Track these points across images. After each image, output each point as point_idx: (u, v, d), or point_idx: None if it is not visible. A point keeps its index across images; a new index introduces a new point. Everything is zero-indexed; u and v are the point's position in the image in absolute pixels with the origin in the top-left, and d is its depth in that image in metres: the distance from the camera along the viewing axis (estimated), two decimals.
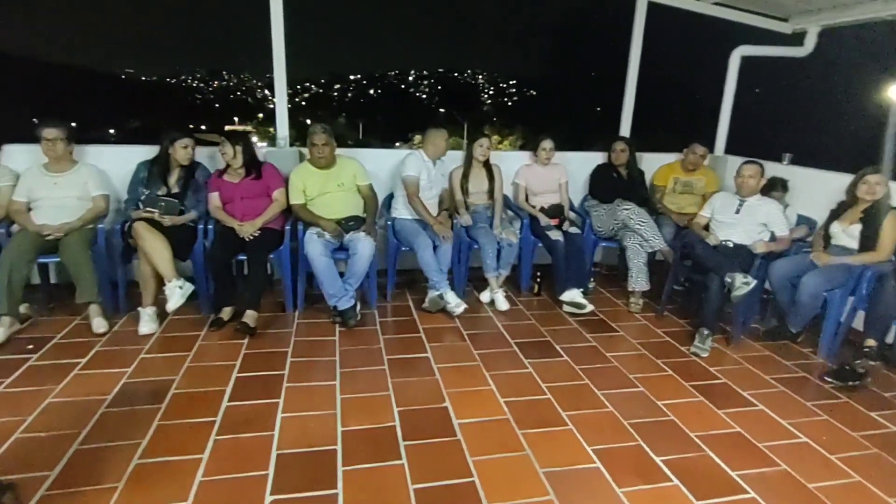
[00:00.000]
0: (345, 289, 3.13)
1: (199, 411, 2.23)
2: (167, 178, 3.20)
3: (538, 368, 2.74)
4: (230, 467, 1.90)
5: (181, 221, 3.12)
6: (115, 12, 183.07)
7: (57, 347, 2.77)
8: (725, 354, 3.03)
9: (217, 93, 72.20)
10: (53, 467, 1.86)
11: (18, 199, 3.05)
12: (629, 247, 3.57)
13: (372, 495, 1.80)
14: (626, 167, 3.98)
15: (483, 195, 3.75)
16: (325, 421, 2.20)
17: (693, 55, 32.04)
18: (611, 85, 5.92)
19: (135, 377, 2.51)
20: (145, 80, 74.29)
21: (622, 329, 3.31)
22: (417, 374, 2.64)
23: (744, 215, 3.25)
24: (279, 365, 2.66)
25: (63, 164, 3.12)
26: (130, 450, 1.97)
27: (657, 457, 2.06)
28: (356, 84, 75.84)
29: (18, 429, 2.06)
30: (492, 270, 3.50)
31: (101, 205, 3.16)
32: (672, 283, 3.51)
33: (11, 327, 2.81)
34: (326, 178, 3.33)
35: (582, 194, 4.22)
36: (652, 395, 2.52)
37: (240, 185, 3.24)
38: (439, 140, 3.54)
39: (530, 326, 3.29)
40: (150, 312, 2.99)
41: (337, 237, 3.22)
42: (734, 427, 2.30)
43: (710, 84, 5.19)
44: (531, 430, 2.20)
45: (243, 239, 3.11)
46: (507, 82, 74.42)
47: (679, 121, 25.06)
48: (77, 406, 2.24)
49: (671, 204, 3.96)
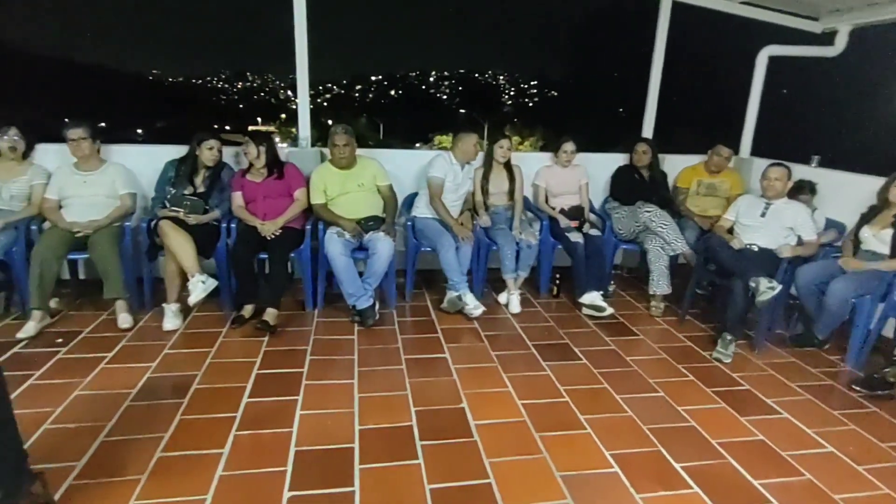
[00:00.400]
0: (364, 288, 3.15)
1: (220, 406, 2.27)
2: (194, 177, 3.26)
3: (556, 371, 2.72)
4: (249, 463, 1.93)
5: (205, 220, 3.18)
6: (146, 15, 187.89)
7: (85, 341, 2.85)
8: (749, 360, 2.97)
9: (241, 94, 73.33)
10: (80, 458, 1.91)
11: (50, 196, 3.14)
12: (650, 249, 3.52)
13: (388, 494, 1.81)
14: (649, 169, 3.93)
15: (503, 196, 3.74)
16: (343, 419, 2.22)
17: (718, 55, 31.51)
18: (633, 85, 5.85)
19: (159, 372, 2.56)
20: (172, 81, 75.82)
21: (642, 333, 3.27)
22: (435, 375, 2.65)
23: (770, 218, 3.18)
24: (298, 363, 2.70)
25: (92, 162, 3.21)
26: (153, 443, 2.01)
27: (677, 463, 2.03)
28: (377, 85, 76.28)
29: (47, 420, 2.12)
30: (510, 272, 3.49)
31: (129, 203, 3.24)
32: (694, 287, 3.45)
33: (42, 321, 2.90)
34: (347, 178, 3.35)
35: (603, 196, 4.18)
36: (672, 401, 2.49)
37: (262, 185, 3.29)
38: (468, 145, 3.51)
39: (549, 329, 3.27)
40: (174, 309, 3.05)
41: (356, 237, 3.24)
42: (757, 435, 2.25)
43: (736, 84, 5.09)
44: (549, 432, 2.19)
45: (265, 238, 3.16)
46: (529, 83, 74.04)
47: (703, 122, 24.66)
48: (103, 399, 2.30)
49: (694, 206, 3.90)
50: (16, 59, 53.47)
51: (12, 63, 51.38)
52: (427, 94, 75.81)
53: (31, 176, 3.17)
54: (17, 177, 3.13)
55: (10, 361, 2.57)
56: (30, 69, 51.48)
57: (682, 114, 23.13)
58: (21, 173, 3.15)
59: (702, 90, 34.75)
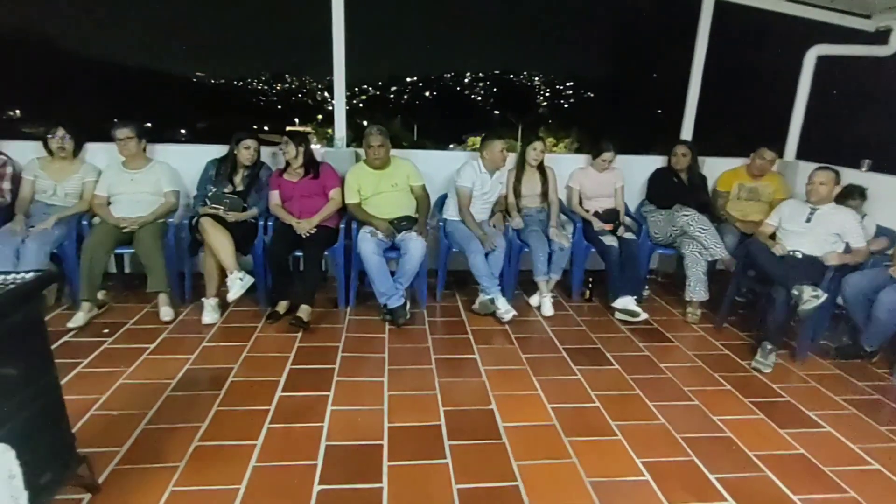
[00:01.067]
0: (395, 287, 3.18)
1: (254, 399, 2.33)
2: (233, 176, 3.36)
3: (587, 376, 2.69)
4: (282, 455, 1.98)
5: (244, 218, 3.27)
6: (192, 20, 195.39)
7: (129, 332, 2.97)
8: (790, 371, 2.86)
9: (280, 95, 74.92)
10: (123, 444, 1.99)
11: (100, 193, 3.30)
12: (688, 254, 3.43)
13: (416, 492, 1.82)
14: (687, 171, 3.83)
15: (536, 198, 3.71)
16: (373, 416, 2.25)
17: (762, 54, 30.44)
18: (673, 86, 5.72)
19: (197, 364, 2.65)
20: (214, 82, 78.15)
21: (678, 340, 3.19)
22: (464, 375, 2.65)
23: (815, 224, 3.06)
24: (330, 359, 2.74)
25: (139, 161, 3.35)
26: (191, 432, 2.08)
27: (711, 474, 1.98)
28: (412, 86, 76.74)
29: (94, 406, 2.23)
30: (542, 274, 3.46)
31: (172, 200, 3.37)
32: (733, 294, 3.35)
33: (90, 312, 3.04)
34: (381, 178, 3.39)
35: (638, 199, 4.10)
36: (708, 410, 2.42)
37: (298, 184, 3.36)
38: (494, 152, 3.44)
39: (580, 333, 3.23)
40: (212, 303, 3.15)
41: (389, 236, 3.28)
42: (797, 448, 2.17)
43: (781, 85, 4.92)
44: (578, 437, 2.16)
45: (300, 236, 3.22)
46: (564, 83, 73.17)
47: (745, 124, 23.87)
48: (145, 388, 2.39)
49: (735, 211, 3.78)
50: (68, 62, 56.18)
51: (64, 65, 54.02)
52: (461, 95, 75.83)
53: (83, 174, 3.32)
54: (70, 175, 3.30)
55: (61, 350, 2.71)
56: (80, 71, 53.97)
57: (723, 115, 22.46)
58: (74, 172, 3.31)
59: (744, 91, 33.65)
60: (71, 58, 61.52)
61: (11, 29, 52.41)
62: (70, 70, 53.23)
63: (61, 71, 51.90)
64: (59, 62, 54.60)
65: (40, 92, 43.63)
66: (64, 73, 51.52)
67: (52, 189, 3.26)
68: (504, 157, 3.51)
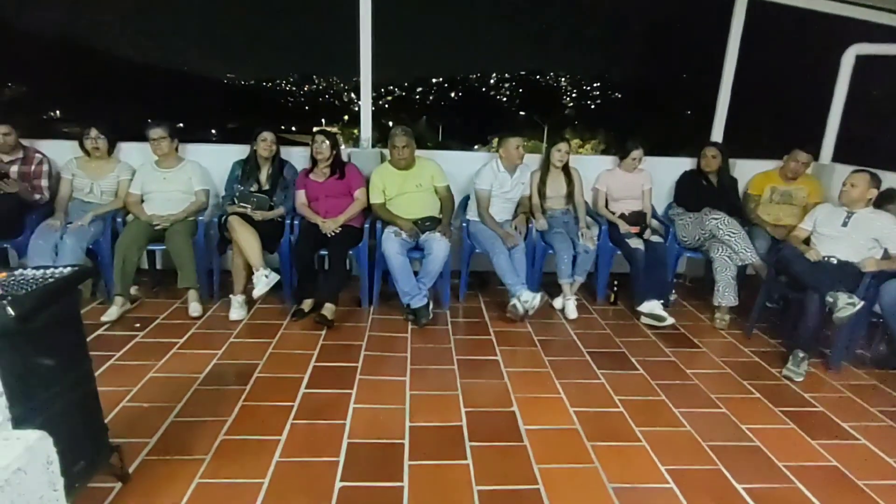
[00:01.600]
0: (418, 287, 3.19)
1: (279, 395, 2.37)
2: (258, 174, 3.42)
3: (611, 380, 2.65)
4: (304, 451, 2.00)
5: (270, 216, 3.33)
6: (221, 22, 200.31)
7: (159, 327, 3.05)
8: (823, 381, 2.77)
9: (307, 96, 75.97)
10: (152, 435, 2.04)
11: (134, 191, 3.40)
12: (717, 259, 3.36)
13: (436, 492, 1.83)
14: (717, 174, 3.75)
15: (561, 200, 3.68)
16: (395, 415, 2.26)
17: (798, 54, 29.59)
18: (703, 87, 5.61)
19: (224, 359, 2.71)
20: (244, 84, 79.71)
21: (705, 345, 3.12)
22: (486, 377, 2.64)
23: (852, 229, 2.96)
24: (353, 357, 2.77)
25: (171, 160, 3.44)
26: (218, 426, 2.12)
27: (739, 484, 1.93)
28: (438, 87, 76.92)
29: (125, 398, 2.29)
30: (566, 276, 3.43)
31: (203, 199, 3.45)
32: (764, 300, 3.26)
33: (123, 306, 3.13)
34: (405, 178, 3.41)
35: (666, 201, 4.03)
36: (736, 418, 2.36)
37: (324, 184, 3.40)
38: (510, 149, 3.45)
39: (604, 336, 3.19)
40: (239, 300, 3.21)
41: (413, 237, 3.29)
42: (830, 460, 2.10)
43: (817, 86, 4.77)
44: (601, 442, 2.13)
45: (326, 235, 3.26)
46: (591, 84, 72.37)
47: (778, 126, 23.25)
48: (174, 382, 2.45)
49: (766, 215, 3.68)
50: (104, 65, 58.00)
51: (101, 68, 55.79)
52: (487, 96, 75.67)
53: (119, 172, 3.43)
54: (106, 174, 3.40)
55: (95, 342, 2.79)
56: (116, 74, 55.69)
57: (755, 117, 21.90)
58: (110, 170, 3.42)
59: (779, 92, 32.77)
60: (107, 60, 63.55)
61: (52, 34, 54.38)
62: (106, 72, 55.02)
63: (98, 73, 53.71)
64: (96, 65, 56.50)
65: (78, 93, 45.24)
66: (100, 75, 53.30)
67: (88, 187, 3.37)
68: (521, 154, 3.49)
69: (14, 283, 1.39)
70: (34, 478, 0.64)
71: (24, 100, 41.16)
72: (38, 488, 0.65)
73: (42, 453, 0.66)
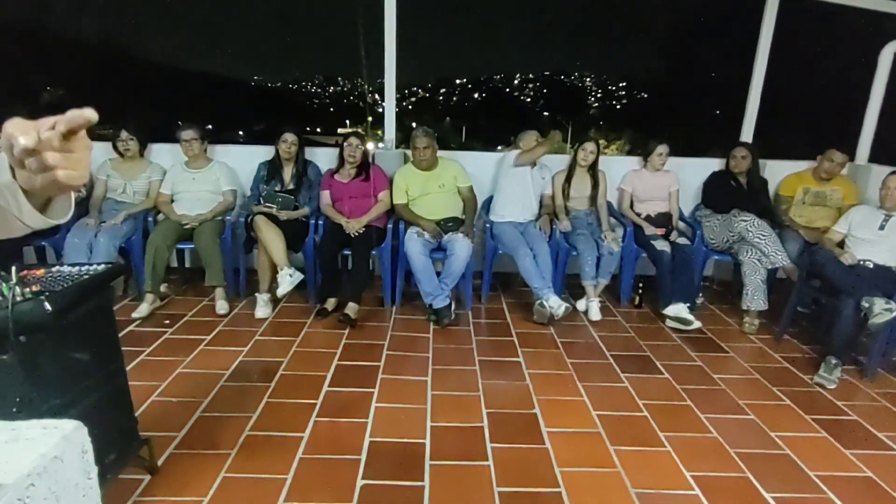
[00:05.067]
0: (441, 288, 3.20)
1: (302, 393, 2.40)
2: (282, 174, 3.48)
3: (635, 384, 2.61)
4: (327, 448, 2.03)
5: (295, 216, 3.38)
6: (250, 26, 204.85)
7: (188, 324, 3.12)
8: (858, 388, 2.68)
9: (332, 97, 76.81)
10: (180, 429, 2.09)
11: (164, 191, 3.49)
12: (745, 262, 3.28)
13: (457, 492, 1.83)
14: (746, 175, 3.66)
15: (585, 200, 3.65)
16: (416, 415, 2.27)
17: (832, 51, 28.72)
18: (733, 86, 5.49)
19: (250, 356, 2.76)
20: (271, 86, 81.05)
21: (733, 350, 3.05)
22: (508, 378, 2.63)
23: (890, 232, 2.86)
24: (376, 356, 2.79)
25: (200, 161, 3.52)
26: (243, 421, 2.16)
27: (767, 493, 1.88)
28: (461, 88, 76.93)
29: (154, 393, 2.36)
30: (590, 278, 3.39)
31: (230, 199, 3.52)
32: (795, 305, 3.17)
33: (153, 304, 3.22)
34: (428, 179, 3.43)
35: (693, 203, 3.95)
36: (764, 425, 2.30)
37: (349, 185, 3.44)
38: (528, 140, 3.53)
39: (629, 339, 3.15)
40: (265, 298, 3.27)
41: (436, 237, 3.30)
42: (864, 471, 2.03)
43: (852, 84, 4.63)
44: (624, 447, 2.10)
45: (349, 235, 3.30)
46: (616, 84, 71.44)
47: (812, 125, 22.59)
48: (201, 378, 2.51)
49: (798, 217, 3.58)
50: (136, 68, 59.65)
51: (134, 71, 57.39)
52: (511, 96, 75.38)
53: (150, 173, 3.52)
54: (139, 174, 3.50)
55: (126, 338, 2.87)
56: (148, 77, 57.20)
57: (787, 116, 21.33)
58: (142, 171, 3.51)
59: (812, 90, 31.86)
60: (140, 65, 65.34)
61: (88, 39, 56.17)
62: (139, 76, 56.57)
63: (131, 77, 55.25)
64: (129, 69, 58.11)
65: (112, 96, 46.58)
66: (133, 79, 54.81)
67: (122, 187, 3.47)
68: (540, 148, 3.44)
69: (51, 280, 1.45)
70: (70, 465, 0.66)
71: (60, 103, 42.63)
72: (74, 476, 0.67)
73: (78, 442, 0.69)
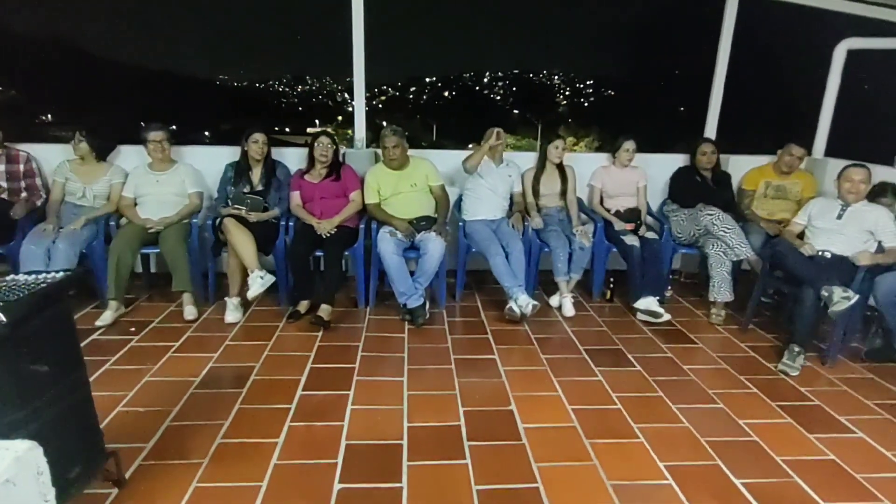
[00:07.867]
0: (415, 287, 3.18)
1: (276, 398, 2.36)
2: (250, 175, 3.40)
3: (608, 377, 2.65)
4: (302, 453, 1.99)
5: (265, 218, 3.31)
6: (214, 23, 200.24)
7: (154, 331, 3.03)
8: (819, 374, 2.78)
9: (301, 97, 75.62)
10: (149, 440, 2.03)
11: (127, 195, 3.37)
12: (711, 254, 3.37)
13: (435, 492, 1.82)
14: (711, 170, 3.76)
15: (555, 197, 3.68)
16: (393, 415, 2.25)
17: (789, 49, 29.72)
18: (696, 83, 5.62)
19: (220, 362, 2.69)
20: (237, 85, 79.32)
21: (701, 341, 3.13)
22: (484, 376, 2.64)
23: (847, 222, 2.97)
24: (350, 358, 2.76)
25: (164, 163, 3.41)
26: (215, 429, 2.11)
27: (737, 479, 1.93)
28: (431, 86, 76.71)
29: (121, 403, 2.28)
30: (562, 274, 3.43)
31: (196, 201, 3.43)
32: (759, 295, 3.27)
33: (118, 311, 3.11)
34: (400, 178, 3.40)
35: (660, 198, 4.04)
36: (733, 413, 2.37)
37: (320, 186, 3.39)
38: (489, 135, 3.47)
39: (601, 333, 3.20)
40: (235, 302, 3.19)
41: (408, 236, 3.29)
42: (828, 454, 2.11)
43: (808, 81, 4.79)
44: (599, 440, 2.13)
45: (321, 236, 3.25)
46: (584, 82, 72.34)
47: (771, 121, 23.34)
48: (170, 385, 2.44)
49: (761, 210, 3.69)
50: (95, 68, 57.68)
51: (92, 71, 55.49)
52: (481, 94, 75.57)
53: (111, 176, 3.40)
54: (99, 177, 3.37)
55: (89, 347, 2.77)
56: (108, 76, 55.38)
57: (748, 113, 21.99)
58: (102, 174, 3.39)
59: (770, 87, 32.93)
60: (98, 63, 63.16)
61: (43, 36, 54.04)
62: (98, 75, 54.69)
63: (89, 76, 53.37)
64: (87, 68, 56.14)
65: (70, 96, 44.93)
66: (92, 78, 52.96)
67: (81, 191, 3.34)
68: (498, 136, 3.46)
69: (5, 290, 1.38)
70: (24, 489, 0.63)
71: (14, 103, 40.89)
72: (29, 499, 0.64)
73: (32, 464, 0.65)
